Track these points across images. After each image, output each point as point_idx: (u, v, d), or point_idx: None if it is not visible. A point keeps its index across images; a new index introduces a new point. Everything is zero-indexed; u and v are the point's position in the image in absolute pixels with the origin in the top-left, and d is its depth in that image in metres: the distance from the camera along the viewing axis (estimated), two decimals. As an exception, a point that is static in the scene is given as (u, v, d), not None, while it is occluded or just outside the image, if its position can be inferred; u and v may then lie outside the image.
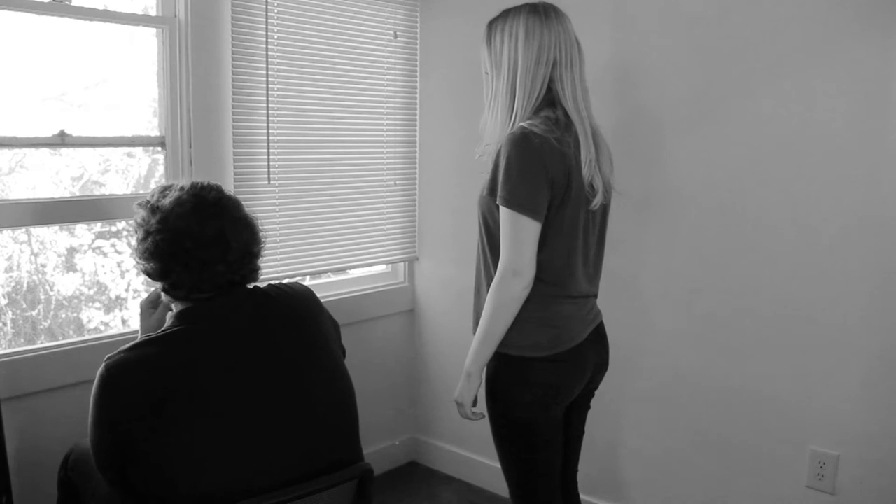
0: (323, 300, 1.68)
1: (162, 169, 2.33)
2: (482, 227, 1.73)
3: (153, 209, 1.49)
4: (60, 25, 2.08)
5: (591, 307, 1.78)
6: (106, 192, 2.30)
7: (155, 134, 2.30)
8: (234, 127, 2.37)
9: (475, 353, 1.67)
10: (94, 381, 1.40)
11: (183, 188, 1.51)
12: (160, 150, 2.31)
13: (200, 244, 1.45)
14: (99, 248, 2.32)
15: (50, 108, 2.12)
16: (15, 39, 2.01)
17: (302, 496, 1.40)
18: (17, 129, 2.01)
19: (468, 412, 1.73)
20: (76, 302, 2.28)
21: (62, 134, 2.05)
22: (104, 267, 2.33)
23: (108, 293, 2.35)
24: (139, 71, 2.29)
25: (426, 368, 3.08)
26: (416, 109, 2.94)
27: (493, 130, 1.72)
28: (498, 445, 1.76)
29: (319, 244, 2.68)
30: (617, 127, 2.31)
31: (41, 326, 2.20)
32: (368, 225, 2.84)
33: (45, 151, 2.14)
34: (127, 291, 2.37)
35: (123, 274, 2.36)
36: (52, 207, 2.08)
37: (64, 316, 2.25)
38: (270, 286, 1.58)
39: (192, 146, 2.30)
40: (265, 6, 2.39)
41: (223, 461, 1.37)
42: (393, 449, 3.06)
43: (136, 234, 1.51)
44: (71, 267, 2.27)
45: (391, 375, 3.03)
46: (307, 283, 2.72)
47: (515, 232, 1.59)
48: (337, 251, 2.74)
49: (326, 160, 2.66)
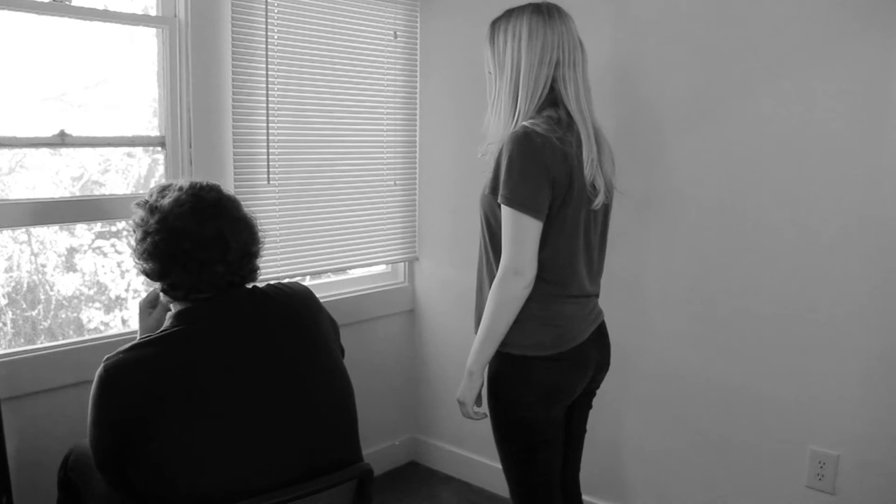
0: (323, 300, 1.68)
1: (162, 169, 2.33)
2: (484, 226, 1.73)
3: (152, 209, 1.49)
4: (60, 25, 2.08)
5: (592, 307, 1.79)
6: (106, 192, 2.30)
7: (155, 134, 2.30)
8: (233, 127, 2.37)
9: (477, 351, 1.68)
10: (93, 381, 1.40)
11: (182, 188, 1.50)
12: (160, 150, 2.31)
13: (199, 244, 1.45)
14: (99, 248, 2.32)
15: (50, 108, 2.12)
16: (15, 39, 2.01)
17: (301, 496, 1.40)
18: (17, 129, 2.01)
19: (470, 411, 1.73)
20: (76, 302, 2.28)
21: (62, 134, 2.05)
22: (104, 267, 2.33)
23: (108, 293, 2.35)
24: (139, 71, 2.29)
25: (426, 368, 3.08)
26: (416, 109, 2.94)
27: (495, 130, 1.72)
28: (499, 444, 1.77)
29: (319, 244, 2.67)
30: (618, 127, 2.31)
31: (41, 326, 2.20)
32: (368, 225, 2.84)
33: (45, 151, 2.14)
34: (127, 291, 2.37)
35: (123, 274, 2.36)
36: (52, 207, 2.08)
37: (64, 316, 2.25)
38: (269, 286, 1.58)
39: (192, 146, 2.30)
40: (265, 6, 2.39)
41: (223, 461, 1.37)
42: (393, 449, 3.06)
43: (134, 234, 1.51)
44: (71, 267, 2.27)
45: (391, 375, 3.03)
46: (307, 283, 2.72)
47: (517, 231, 1.59)
48: (337, 251, 2.74)
49: (326, 160, 2.66)
